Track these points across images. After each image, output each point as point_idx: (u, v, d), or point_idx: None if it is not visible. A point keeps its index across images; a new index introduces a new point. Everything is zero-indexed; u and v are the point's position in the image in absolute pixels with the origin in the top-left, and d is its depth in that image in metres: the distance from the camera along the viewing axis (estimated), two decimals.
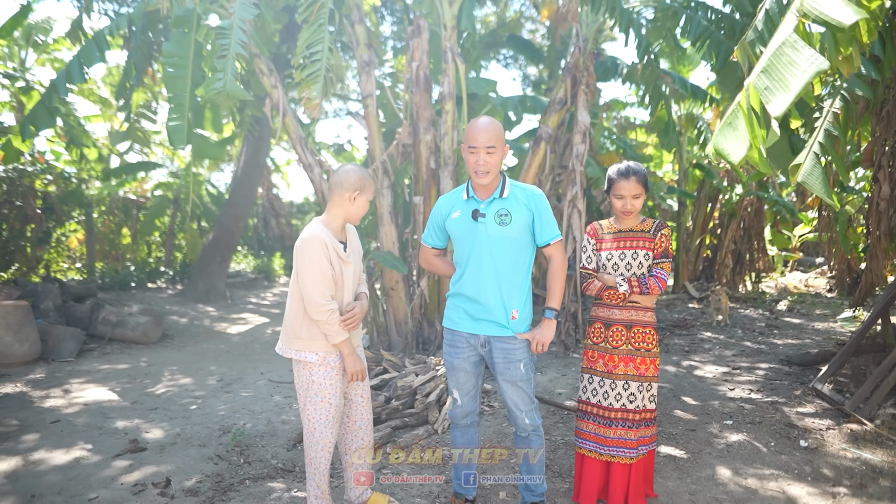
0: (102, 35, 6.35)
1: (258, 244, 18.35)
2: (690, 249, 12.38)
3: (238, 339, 8.19)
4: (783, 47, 2.64)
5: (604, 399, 2.94)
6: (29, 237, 9.30)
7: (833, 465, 3.58)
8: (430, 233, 2.93)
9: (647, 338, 2.91)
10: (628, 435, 2.89)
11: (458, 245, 2.81)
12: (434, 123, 6.55)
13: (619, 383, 2.90)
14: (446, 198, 2.89)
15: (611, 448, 2.91)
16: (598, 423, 2.96)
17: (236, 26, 5.41)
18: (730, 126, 2.88)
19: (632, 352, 2.91)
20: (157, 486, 3.37)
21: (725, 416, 4.53)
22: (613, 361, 2.93)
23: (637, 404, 2.89)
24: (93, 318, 7.42)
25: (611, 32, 11.33)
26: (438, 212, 2.87)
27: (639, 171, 2.88)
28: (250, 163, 11.66)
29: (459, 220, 2.76)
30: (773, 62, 2.67)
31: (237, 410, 4.81)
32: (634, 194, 2.88)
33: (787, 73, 2.57)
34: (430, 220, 2.91)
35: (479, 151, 2.61)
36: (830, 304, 10.07)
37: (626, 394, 2.90)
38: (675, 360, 6.44)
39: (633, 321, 2.92)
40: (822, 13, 2.53)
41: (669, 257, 2.92)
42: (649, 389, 2.93)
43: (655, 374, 2.93)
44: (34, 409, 4.78)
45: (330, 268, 2.62)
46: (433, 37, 7.09)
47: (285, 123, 6.17)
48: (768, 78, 2.67)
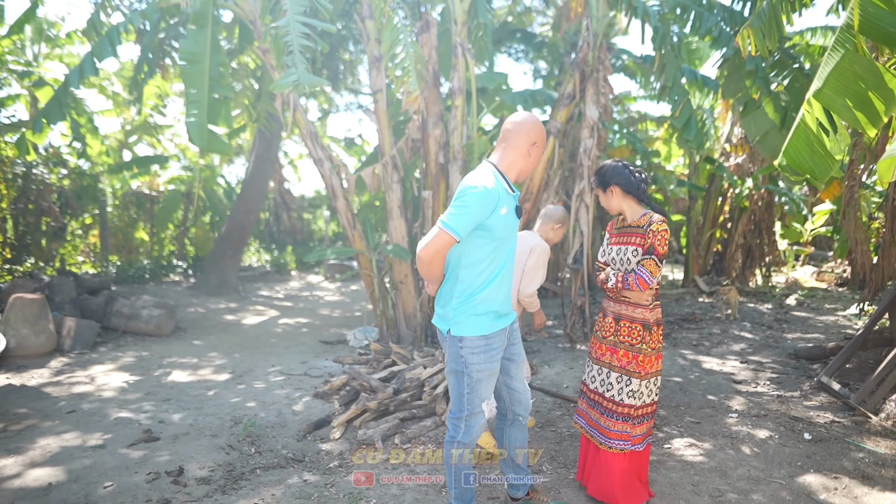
0: (116, 30, 6.44)
1: (270, 238, 18.46)
2: (700, 243, 12.34)
3: (250, 331, 8.29)
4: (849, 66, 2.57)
5: (591, 382, 3.12)
6: (44, 231, 9.45)
7: (837, 458, 3.60)
8: (466, 221, 2.36)
9: (632, 332, 2.91)
10: (601, 421, 2.99)
11: (499, 244, 2.54)
12: (443, 118, 6.59)
13: (604, 370, 3.02)
14: (495, 189, 2.45)
15: (592, 429, 3.07)
16: (588, 404, 3.14)
17: (293, 21, 5.49)
18: (804, 143, 2.85)
19: (616, 343, 2.97)
20: (171, 474, 3.45)
21: (731, 409, 4.56)
22: (601, 350, 3.06)
23: (612, 395, 2.94)
24: (107, 311, 7.55)
25: (623, 28, 11.30)
26: (487, 202, 2.39)
27: (594, 177, 3.07)
28: (262, 157, 11.76)
29: (508, 217, 2.51)
30: (842, 81, 2.61)
31: (249, 401, 4.89)
32: (599, 197, 3.09)
33: (870, 94, 2.55)
34: (472, 209, 2.36)
35: None
36: (841, 299, 10.02)
37: (606, 382, 3.00)
38: (683, 354, 6.46)
39: (621, 315, 2.96)
40: (891, 31, 2.50)
41: (654, 255, 2.81)
42: (629, 384, 2.89)
43: (639, 370, 2.88)
44: (50, 399, 4.89)
45: None
46: (444, 32, 7.12)
47: (296, 118, 6.23)
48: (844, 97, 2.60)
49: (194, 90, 5.99)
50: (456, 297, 2.54)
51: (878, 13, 2.52)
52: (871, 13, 2.54)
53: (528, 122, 2.57)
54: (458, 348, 2.53)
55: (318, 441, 4.03)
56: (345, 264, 15.76)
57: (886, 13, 2.50)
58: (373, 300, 6.88)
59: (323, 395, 4.96)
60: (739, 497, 3.14)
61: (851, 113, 2.58)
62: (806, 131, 2.79)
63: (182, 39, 5.96)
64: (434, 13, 7.92)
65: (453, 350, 2.56)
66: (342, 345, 7.22)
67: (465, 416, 2.61)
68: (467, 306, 2.52)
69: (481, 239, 2.48)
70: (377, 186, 6.64)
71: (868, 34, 2.56)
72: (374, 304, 6.91)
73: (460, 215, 2.36)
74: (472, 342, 2.51)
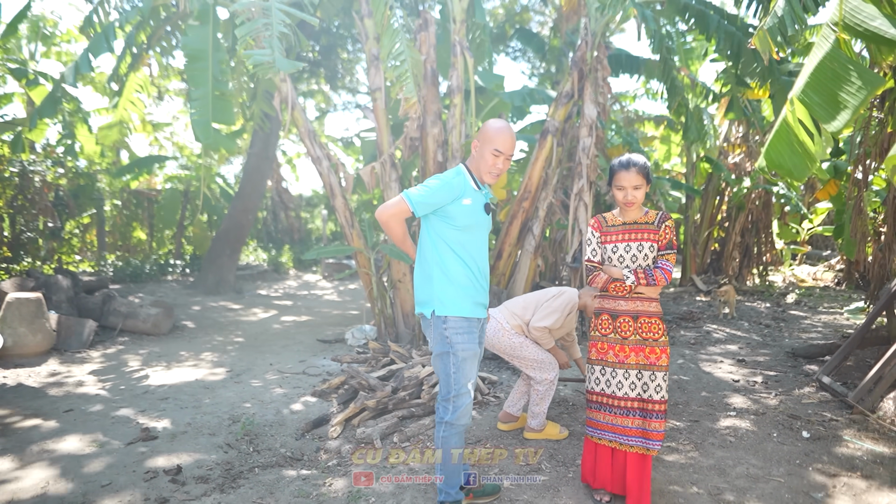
0: (112, 27, 6.43)
1: (267, 237, 18.46)
2: (698, 242, 12.37)
3: (248, 330, 8.28)
4: (828, 63, 2.55)
5: (618, 389, 2.95)
6: (41, 230, 9.42)
7: (835, 455, 3.61)
8: (426, 199, 2.68)
9: (653, 327, 2.92)
10: (646, 425, 2.90)
11: (465, 233, 2.77)
12: (442, 117, 6.59)
13: (633, 373, 2.93)
14: (460, 180, 2.75)
15: (630, 438, 2.92)
16: (614, 413, 2.96)
17: (275, 7, 5.49)
18: (784, 143, 2.82)
19: (640, 341, 2.93)
20: (169, 473, 3.44)
21: (729, 408, 4.56)
22: (625, 352, 2.95)
23: (650, 394, 2.90)
24: (104, 310, 7.52)
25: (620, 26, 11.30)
26: (450, 190, 2.70)
27: (639, 163, 2.90)
28: (259, 156, 11.74)
29: (473, 209, 2.77)
30: (819, 78, 2.59)
31: (246, 400, 4.88)
32: (635, 185, 2.90)
33: (839, 91, 2.51)
34: (435, 190, 2.68)
35: (501, 157, 2.76)
36: (838, 297, 10.04)
37: (640, 383, 2.92)
38: (682, 353, 6.47)
39: (638, 312, 2.95)
40: (871, 29, 2.45)
41: (674, 248, 2.95)
42: (654, 379, 2.91)
43: (666, 363, 2.92)
44: (48, 398, 4.87)
45: None
46: (442, 31, 7.12)
47: (294, 117, 6.22)
48: (817, 94, 2.58)
49: (198, 88, 5.98)
50: (436, 280, 2.76)
51: (860, 5, 2.49)
52: (853, 6, 2.52)
53: (488, 128, 2.79)
54: (442, 329, 2.74)
55: (316, 440, 4.02)
56: (343, 263, 15.76)
57: (868, 6, 2.48)
58: (371, 299, 6.88)
59: (321, 394, 4.95)
60: (738, 495, 3.14)
61: (823, 110, 2.56)
62: (787, 132, 2.77)
63: (184, 37, 5.95)
64: (433, 12, 7.91)
65: (438, 332, 2.76)
66: (340, 343, 7.22)
67: (452, 397, 2.77)
68: (449, 288, 2.75)
69: (446, 224, 2.75)
70: (375, 185, 6.63)
71: (849, 29, 2.53)
72: (372, 302, 6.90)
73: (421, 193, 2.67)
74: (456, 322, 2.74)
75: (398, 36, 5.92)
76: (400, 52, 5.85)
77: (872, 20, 2.43)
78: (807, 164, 2.75)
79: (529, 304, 3.92)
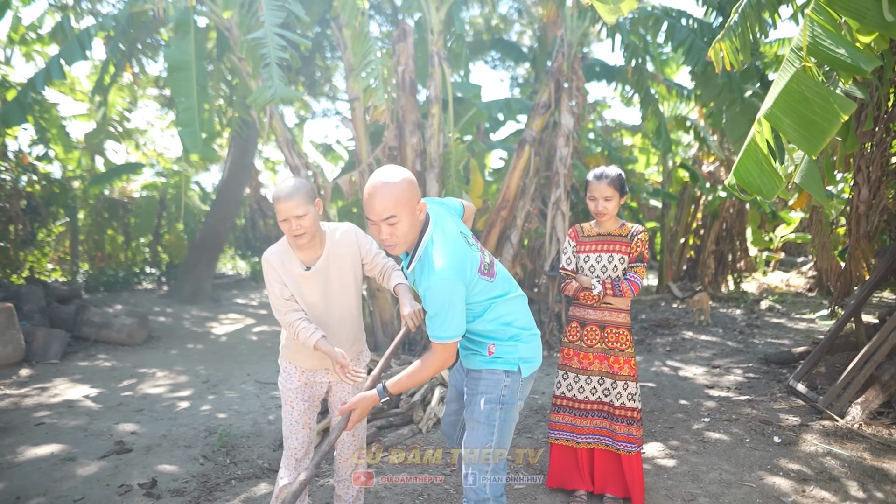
0: (87, 33, 6.35)
1: (245, 245, 18.27)
2: (674, 250, 12.54)
3: (224, 340, 8.20)
4: (797, 86, 2.57)
5: (579, 393, 3.09)
6: (12, 238, 9.25)
7: (805, 460, 3.68)
8: (460, 318, 2.12)
9: (620, 338, 3.03)
10: (613, 427, 3.01)
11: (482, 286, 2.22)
12: (420, 126, 6.62)
13: (595, 378, 3.05)
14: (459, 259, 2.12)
15: (587, 436, 3.06)
16: (574, 414, 3.10)
17: (270, 33, 5.46)
18: (754, 163, 2.86)
19: (605, 350, 3.04)
20: (143, 486, 3.40)
21: (703, 414, 4.63)
22: (588, 359, 3.07)
23: (612, 399, 3.02)
24: (77, 320, 7.40)
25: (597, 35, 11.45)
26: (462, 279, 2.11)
27: (611, 175, 2.98)
28: (237, 164, 11.65)
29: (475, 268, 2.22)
30: (789, 101, 2.60)
31: (223, 411, 4.84)
32: (606, 196, 2.98)
33: (812, 115, 2.54)
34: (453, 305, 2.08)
35: (380, 224, 2.12)
36: (811, 304, 10.24)
37: (601, 388, 3.05)
38: (657, 360, 6.55)
39: (606, 322, 3.04)
40: (837, 56, 2.50)
41: (644, 262, 3.03)
42: (626, 388, 3.01)
43: (631, 373, 3.02)
44: (18, 411, 4.78)
45: (283, 286, 2.53)
46: (420, 41, 7.16)
47: (272, 125, 6.20)
48: (789, 117, 2.58)
49: (184, 98, 5.93)
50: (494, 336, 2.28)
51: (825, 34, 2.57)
52: (818, 34, 2.59)
53: (364, 200, 2.18)
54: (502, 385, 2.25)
55: None
56: None
57: (832, 35, 2.55)
58: None
59: None
60: (711, 500, 3.19)
61: (797, 133, 2.63)
62: (756, 151, 2.84)
63: (166, 48, 5.90)
64: (410, 22, 7.95)
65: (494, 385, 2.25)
66: None
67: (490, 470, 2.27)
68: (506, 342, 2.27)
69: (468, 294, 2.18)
70: (353, 194, 6.63)
71: (816, 55, 2.60)
72: None
73: (449, 320, 2.07)
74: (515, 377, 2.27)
75: (370, 43, 5.93)
76: (370, 62, 5.86)
77: (837, 48, 2.52)
78: (776, 183, 2.81)
79: None
